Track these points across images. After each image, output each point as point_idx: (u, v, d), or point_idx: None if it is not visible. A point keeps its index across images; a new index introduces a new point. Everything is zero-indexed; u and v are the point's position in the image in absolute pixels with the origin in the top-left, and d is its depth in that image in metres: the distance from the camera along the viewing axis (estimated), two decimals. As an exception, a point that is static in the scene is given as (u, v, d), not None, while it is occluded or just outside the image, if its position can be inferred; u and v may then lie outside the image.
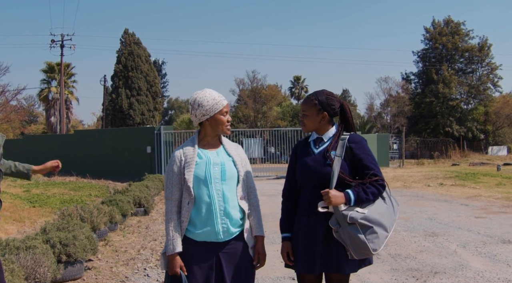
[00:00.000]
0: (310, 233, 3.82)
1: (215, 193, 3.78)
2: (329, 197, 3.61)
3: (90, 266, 7.79)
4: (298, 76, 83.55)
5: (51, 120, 55.20)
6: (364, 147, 3.88)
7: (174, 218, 3.82)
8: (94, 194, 17.46)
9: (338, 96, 4.84)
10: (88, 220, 9.54)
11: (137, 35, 50.77)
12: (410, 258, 7.97)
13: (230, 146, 4.06)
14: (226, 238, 3.79)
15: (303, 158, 3.97)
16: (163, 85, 78.97)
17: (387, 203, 3.80)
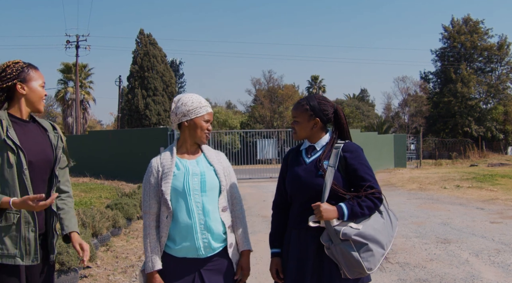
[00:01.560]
0: (300, 249, 3.53)
1: (194, 205, 3.52)
2: (320, 211, 3.30)
3: (87, 273, 7.56)
4: (316, 76, 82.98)
5: (68, 121, 55.39)
6: (359, 156, 3.56)
7: (152, 233, 3.58)
8: (104, 196, 17.28)
9: (356, 96, 4.47)
10: (89, 225, 9.35)
11: (153, 36, 50.80)
12: (419, 268, 7.64)
13: (211, 153, 3.79)
14: (208, 254, 3.53)
15: (294, 168, 3.67)
16: (181, 85, 78.94)
17: (385, 217, 3.48)
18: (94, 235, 9.38)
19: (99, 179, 25.26)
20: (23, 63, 3.58)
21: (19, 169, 3.36)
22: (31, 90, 3.54)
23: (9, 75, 3.48)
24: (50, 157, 3.60)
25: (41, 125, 3.68)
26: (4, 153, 3.33)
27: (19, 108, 3.54)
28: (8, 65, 3.53)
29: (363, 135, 31.00)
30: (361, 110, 57.60)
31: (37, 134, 3.59)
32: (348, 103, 58.42)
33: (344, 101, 62.60)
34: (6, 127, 3.36)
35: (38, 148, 3.52)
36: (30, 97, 3.55)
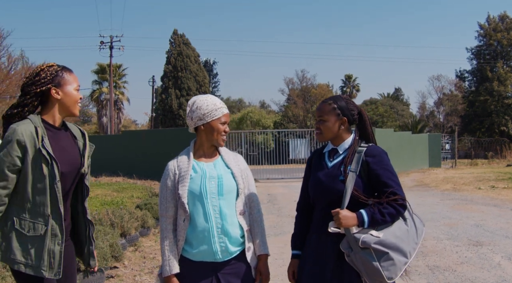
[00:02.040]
0: (319, 254, 3.45)
1: (211, 209, 3.47)
2: (339, 218, 3.21)
3: (114, 273, 7.57)
4: (350, 75, 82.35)
5: (102, 121, 55.91)
6: (382, 161, 3.42)
7: (169, 237, 3.53)
8: (136, 196, 17.32)
9: (391, 95, 4.36)
10: (118, 225, 9.38)
11: (186, 36, 51.03)
12: (449, 271, 7.47)
13: (229, 156, 3.72)
14: (225, 258, 3.48)
15: (316, 172, 3.58)
16: (214, 85, 79.27)
17: (409, 224, 3.35)
18: (123, 235, 9.41)
19: (132, 179, 25.37)
20: (57, 67, 3.51)
21: (51, 180, 3.32)
22: (66, 94, 3.48)
23: (43, 79, 3.41)
24: (79, 167, 3.57)
25: (72, 132, 3.64)
26: (38, 163, 3.29)
27: (53, 114, 3.49)
28: (42, 69, 3.46)
29: (396, 135, 30.72)
30: (395, 110, 57.10)
31: (68, 144, 3.55)
32: (382, 103, 57.94)
33: (378, 100, 62.11)
34: (42, 136, 3.31)
35: (69, 158, 3.50)
36: (64, 101, 3.49)
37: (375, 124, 45.47)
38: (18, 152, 3.24)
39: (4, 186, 3.25)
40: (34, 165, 3.28)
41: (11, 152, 3.23)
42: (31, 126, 3.30)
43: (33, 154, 3.27)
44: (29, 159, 3.26)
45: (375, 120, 48.21)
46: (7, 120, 3.42)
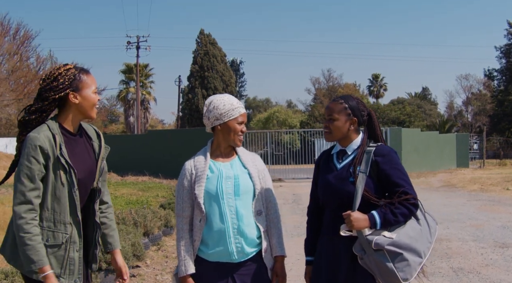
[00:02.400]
0: (333, 258, 3.39)
1: (227, 209, 3.44)
2: (351, 220, 3.15)
3: (136, 273, 7.59)
4: (377, 75, 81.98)
5: (129, 120, 56.29)
6: (392, 160, 3.35)
7: (185, 237, 3.53)
8: (161, 195, 17.39)
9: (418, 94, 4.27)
10: (141, 224, 9.40)
11: (213, 36, 51.16)
12: (474, 273, 7.35)
13: (247, 156, 3.68)
14: (241, 259, 3.45)
15: (325, 174, 3.51)
16: (241, 84, 79.47)
17: (422, 223, 3.27)
18: (146, 234, 9.43)
19: (158, 178, 25.49)
20: (75, 70, 3.39)
21: (69, 188, 3.29)
22: (84, 98, 3.38)
23: (61, 85, 3.31)
24: (95, 171, 3.53)
25: (87, 133, 3.57)
26: (57, 171, 3.25)
27: (70, 119, 3.40)
28: (59, 73, 3.35)
29: (423, 135, 30.47)
30: (423, 109, 56.60)
31: (84, 150, 3.48)
32: (410, 102, 57.46)
33: (405, 99, 61.57)
34: (60, 144, 3.25)
35: (85, 165, 3.43)
36: (82, 105, 3.39)
37: (402, 124, 45.08)
38: (42, 160, 3.19)
39: (38, 195, 3.19)
40: (54, 173, 3.24)
41: (38, 160, 3.18)
42: (49, 133, 3.26)
43: (53, 162, 3.23)
44: (50, 167, 3.22)
45: (402, 120, 47.79)
46: (24, 125, 3.36)
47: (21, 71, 47.92)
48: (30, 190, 3.15)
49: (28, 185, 3.14)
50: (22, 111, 3.44)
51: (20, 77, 47.99)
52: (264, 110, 67.35)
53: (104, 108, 69.80)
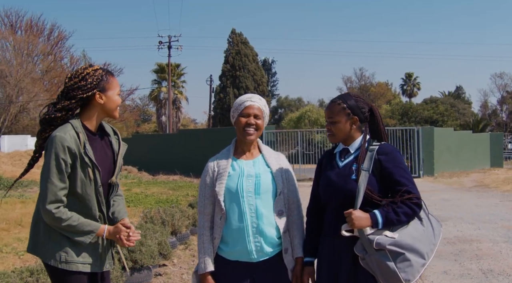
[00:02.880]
0: (334, 259, 3.35)
1: (247, 208, 3.43)
2: (352, 218, 3.11)
3: (162, 271, 7.61)
4: (410, 73, 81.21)
5: (161, 120, 56.65)
6: (395, 159, 3.31)
7: (206, 234, 3.54)
8: (191, 194, 17.42)
9: (452, 93, 4.16)
10: (169, 223, 9.42)
11: (244, 35, 51.19)
12: (504, 275, 7.21)
13: (271, 155, 3.66)
14: (260, 258, 3.42)
15: (327, 172, 3.47)
16: (273, 84, 79.30)
17: (425, 224, 3.23)
18: (173, 233, 9.46)
19: (189, 177, 25.59)
20: (102, 71, 3.49)
21: (95, 185, 3.39)
22: (109, 99, 3.48)
23: (89, 84, 3.40)
24: (113, 167, 3.61)
25: (105, 130, 3.65)
26: (83, 169, 3.33)
27: (92, 118, 3.49)
28: (87, 72, 3.44)
29: (456, 134, 30.08)
30: (456, 108, 55.84)
31: (104, 148, 3.58)
32: (443, 101, 56.69)
33: (438, 99, 60.81)
34: (84, 142, 3.33)
35: (105, 162, 3.53)
36: (107, 106, 3.49)
37: (435, 123, 44.49)
38: (69, 159, 3.27)
39: (66, 194, 3.30)
40: (82, 170, 3.32)
41: (66, 160, 3.25)
42: (74, 132, 3.32)
43: (80, 160, 3.31)
44: (78, 165, 3.30)
45: (435, 119, 47.18)
46: (48, 122, 3.42)
47: (55, 71, 48.64)
48: (60, 189, 3.25)
49: (58, 185, 3.24)
50: (45, 108, 3.50)
51: (54, 77, 48.70)
52: (296, 109, 67.12)
53: (137, 108, 70.38)
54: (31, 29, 51.35)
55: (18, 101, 44.20)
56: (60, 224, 3.25)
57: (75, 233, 3.29)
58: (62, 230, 3.29)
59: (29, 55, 47.61)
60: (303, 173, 25.40)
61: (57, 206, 3.24)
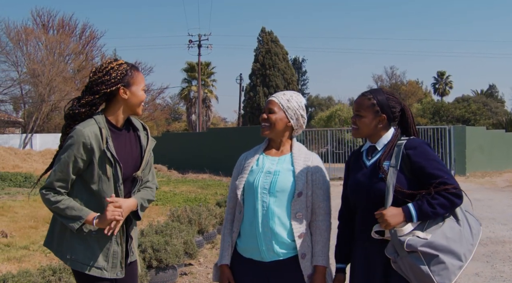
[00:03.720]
0: (366, 264, 3.18)
1: (260, 205, 3.32)
2: (385, 219, 2.92)
3: (187, 271, 7.57)
4: (442, 72, 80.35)
5: (191, 118, 56.84)
6: (425, 152, 3.09)
7: (227, 227, 3.54)
8: (219, 193, 17.42)
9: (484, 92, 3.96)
10: (195, 222, 9.37)
11: (274, 34, 51.06)
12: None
13: (301, 153, 3.49)
14: (272, 258, 3.30)
15: (354, 173, 3.31)
16: (303, 82, 79.07)
17: (462, 223, 2.99)
18: (200, 232, 9.40)
19: (218, 176, 25.61)
20: (126, 66, 3.44)
21: (115, 182, 3.33)
22: (133, 94, 3.42)
23: (113, 79, 3.35)
24: (139, 163, 3.54)
25: (133, 125, 3.60)
26: (103, 165, 3.28)
27: (117, 114, 3.44)
28: (112, 67, 3.39)
29: (489, 133, 29.59)
30: (489, 107, 55.12)
31: (129, 144, 3.52)
32: (475, 100, 56.02)
33: (471, 97, 60.11)
34: (106, 137, 3.29)
35: (131, 159, 3.48)
36: (131, 101, 3.43)
37: (467, 122, 43.92)
38: (83, 155, 3.23)
39: (65, 186, 3.28)
40: (100, 166, 3.27)
41: (76, 154, 3.22)
42: (96, 127, 3.28)
43: (99, 156, 3.26)
44: (95, 160, 3.26)
45: (467, 118, 46.58)
46: (72, 117, 3.38)
47: (87, 70, 48.97)
48: (57, 180, 3.25)
49: (57, 175, 3.25)
50: (69, 103, 3.47)
51: (86, 76, 48.89)
52: (326, 108, 66.84)
53: (167, 107, 70.73)
54: (63, 28, 51.87)
55: (50, 100, 44.61)
56: (49, 206, 3.26)
57: (64, 217, 3.23)
58: (55, 213, 3.30)
59: (61, 54, 48.04)
60: (333, 172, 25.28)
61: (47, 190, 3.26)
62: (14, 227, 10.56)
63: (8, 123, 51.04)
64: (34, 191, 16.79)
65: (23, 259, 7.93)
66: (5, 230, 9.91)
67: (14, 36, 46.69)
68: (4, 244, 9.04)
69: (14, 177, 20.08)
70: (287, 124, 3.46)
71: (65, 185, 3.28)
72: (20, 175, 20.64)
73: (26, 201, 14.08)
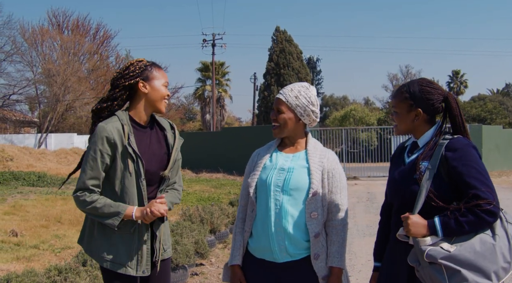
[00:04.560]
0: (392, 266, 3.00)
1: (272, 203, 3.17)
2: (408, 224, 2.69)
3: (198, 271, 7.44)
4: (457, 71, 79.68)
5: (206, 118, 56.80)
6: (466, 156, 2.76)
7: (238, 226, 3.41)
8: (233, 192, 17.35)
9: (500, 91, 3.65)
10: (207, 221, 9.28)
11: (288, 33, 50.94)
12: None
13: (316, 150, 3.32)
14: (284, 259, 3.16)
15: (394, 169, 3.09)
16: (318, 82, 78.87)
17: (498, 238, 2.65)
18: (212, 231, 9.32)
19: (232, 175, 25.54)
20: (146, 62, 3.50)
21: (137, 178, 3.35)
22: (153, 89, 3.44)
23: (132, 73, 3.41)
24: (165, 161, 3.54)
25: (160, 124, 3.63)
26: (125, 160, 3.31)
27: (139, 110, 3.47)
28: (131, 63, 3.47)
29: (505, 132, 29.36)
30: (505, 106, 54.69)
31: (154, 141, 3.54)
32: (491, 99, 55.67)
33: (486, 96, 59.80)
34: (128, 134, 3.32)
35: (155, 156, 3.49)
36: (151, 96, 3.44)
37: (483, 121, 43.60)
38: (108, 150, 3.27)
39: (97, 184, 3.31)
40: (122, 162, 3.31)
41: (102, 149, 3.26)
42: (118, 123, 3.33)
43: (121, 151, 3.30)
44: (118, 156, 3.30)
45: (483, 117, 46.25)
46: (96, 114, 3.46)
47: (101, 70, 49.28)
48: (89, 178, 3.27)
49: (88, 173, 3.27)
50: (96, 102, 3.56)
51: (100, 76, 49.34)
52: (341, 108, 66.62)
53: (182, 106, 70.83)
54: (78, 29, 52.11)
55: (64, 100, 44.74)
56: (85, 207, 3.28)
57: (102, 216, 3.26)
58: (90, 214, 3.32)
59: (76, 54, 48.20)
60: (348, 172, 25.17)
61: (82, 192, 3.28)
62: (25, 226, 10.51)
63: (24, 123, 51.41)
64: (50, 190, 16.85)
65: (32, 258, 7.86)
66: (15, 229, 9.86)
67: (29, 37, 46.97)
68: (14, 243, 8.98)
69: (28, 176, 20.15)
70: (297, 122, 3.31)
71: (97, 183, 3.31)
72: (33, 174, 20.71)
73: (38, 200, 14.07)
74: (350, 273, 7.31)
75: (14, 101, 46.79)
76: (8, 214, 12.03)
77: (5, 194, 15.41)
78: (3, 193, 15.85)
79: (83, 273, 5.13)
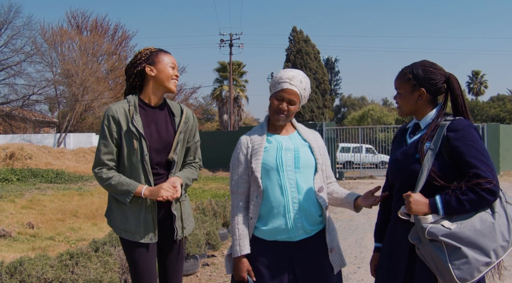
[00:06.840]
0: (392, 244, 3.05)
1: (287, 182, 3.23)
2: (410, 202, 2.75)
3: (209, 262, 7.53)
4: (477, 71, 79.33)
5: (223, 118, 56.86)
6: (467, 136, 2.81)
7: (240, 214, 3.32)
8: (248, 189, 17.36)
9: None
10: (220, 214, 9.38)
11: (305, 33, 50.92)
12: None
13: (306, 131, 3.48)
14: (300, 237, 3.22)
15: (395, 150, 3.15)
16: (336, 82, 78.63)
17: (497, 216, 2.71)
18: (225, 225, 9.39)
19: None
20: (153, 48, 3.76)
21: (141, 154, 3.58)
22: (160, 71, 3.67)
23: (139, 60, 3.69)
24: (171, 143, 3.73)
25: (171, 109, 3.84)
26: (130, 138, 3.57)
27: (149, 92, 3.72)
28: (140, 52, 3.75)
29: (521, 131, 29.10)
30: (525, 106, 54.33)
31: (161, 121, 3.75)
32: (511, 99, 55.30)
33: (506, 96, 59.35)
34: (132, 114, 3.58)
35: (160, 136, 3.70)
36: (159, 77, 3.67)
37: (502, 121, 43.25)
38: (114, 127, 3.57)
39: (111, 158, 3.61)
40: (127, 140, 3.57)
41: (109, 126, 3.56)
42: (125, 104, 3.63)
43: (126, 130, 3.56)
44: (123, 133, 3.57)
45: (502, 117, 45.91)
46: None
47: (119, 70, 49.49)
48: (103, 154, 3.58)
49: (102, 150, 3.59)
50: None
51: (118, 76, 49.60)
52: (359, 108, 66.41)
53: (200, 107, 71.03)
54: (96, 29, 52.53)
55: (83, 100, 45.16)
56: (103, 183, 3.60)
57: (116, 192, 3.59)
58: (108, 190, 3.66)
59: (94, 55, 48.61)
60: (364, 171, 25.14)
61: (99, 168, 3.60)
62: (41, 219, 10.67)
63: (43, 124, 51.85)
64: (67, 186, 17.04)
65: (47, 248, 8.01)
66: (32, 221, 10.02)
67: (49, 37, 47.42)
68: (30, 234, 9.14)
69: (46, 173, 20.39)
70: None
71: (112, 157, 3.61)
72: (51, 171, 20.95)
73: (55, 196, 14.25)
74: (360, 266, 7.39)
75: (34, 101, 47.32)
76: (26, 208, 12.23)
77: (23, 190, 15.65)
78: (21, 188, 16.10)
79: (94, 258, 5.22)
